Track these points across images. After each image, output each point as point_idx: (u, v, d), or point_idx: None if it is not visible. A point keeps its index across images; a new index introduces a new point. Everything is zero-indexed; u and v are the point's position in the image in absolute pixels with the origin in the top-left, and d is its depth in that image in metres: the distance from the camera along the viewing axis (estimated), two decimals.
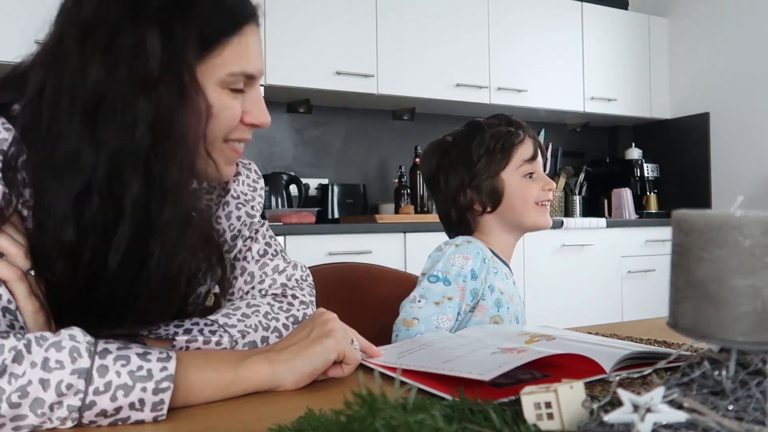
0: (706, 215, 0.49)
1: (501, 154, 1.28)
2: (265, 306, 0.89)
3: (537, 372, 0.75)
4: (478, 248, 1.24)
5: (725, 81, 3.80)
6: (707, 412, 0.45)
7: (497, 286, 1.24)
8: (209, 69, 0.76)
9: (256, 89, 0.83)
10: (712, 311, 0.48)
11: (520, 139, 1.30)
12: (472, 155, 1.28)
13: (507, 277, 1.29)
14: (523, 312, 1.30)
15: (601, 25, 3.88)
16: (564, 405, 0.49)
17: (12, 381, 0.59)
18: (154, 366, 0.64)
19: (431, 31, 3.32)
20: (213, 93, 0.77)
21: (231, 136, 0.82)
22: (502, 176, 1.28)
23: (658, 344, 0.92)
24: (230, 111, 0.79)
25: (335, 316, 0.81)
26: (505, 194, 1.28)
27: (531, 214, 1.29)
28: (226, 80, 0.77)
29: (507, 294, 1.26)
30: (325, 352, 0.76)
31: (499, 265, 1.28)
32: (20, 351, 0.60)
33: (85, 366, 0.61)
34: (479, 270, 1.22)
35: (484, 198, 1.28)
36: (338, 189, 3.23)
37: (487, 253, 1.25)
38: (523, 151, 1.29)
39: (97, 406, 0.61)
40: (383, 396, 0.44)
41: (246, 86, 0.81)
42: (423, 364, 0.76)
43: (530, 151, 1.30)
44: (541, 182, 1.30)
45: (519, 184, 1.28)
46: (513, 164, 1.29)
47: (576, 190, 3.91)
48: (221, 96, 0.78)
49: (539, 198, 1.29)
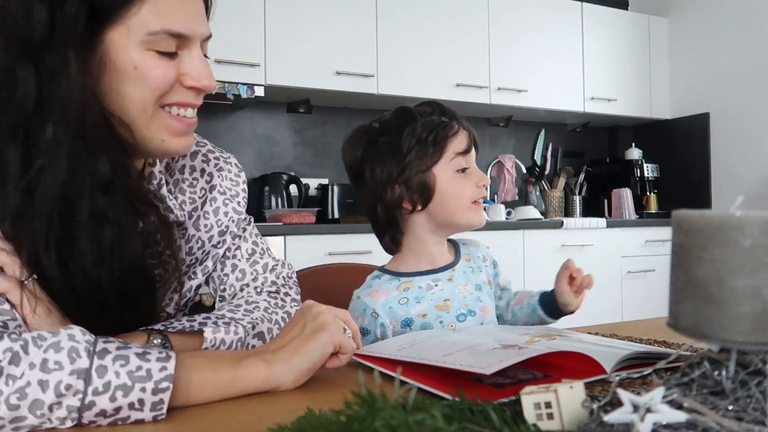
0: (706, 215, 0.48)
1: (434, 146, 1.15)
2: (263, 302, 0.92)
3: (537, 372, 0.75)
4: (363, 305, 1.14)
5: (725, 81, 3.80)
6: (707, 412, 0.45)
7: (413, 313, 1.13)
8: (129, 31, 0.75)
9: (195, 51, 0.80)
10: (712, 311, 0.48)
11: (454, 131, 1.17)
12: (402, 146, 1.15)
13: (430, 287, 1.17)
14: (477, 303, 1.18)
15: (601, 25, 3.89)
16: (564, 405, 0.49)
17: (10, 383, 0.59)
18: (153, 366, 0.64)
19: (431, 31, 3.32)
20: (136, 55, 0.75)
21: (167, 100, 0.80)
22: (433, 171, 1.15)
23: (658, 344, 0.92)
24: (154, 72, 0.77)
25: (325, 308, 0.81)
26: (437, 191, 1.15)
27: (465, 213, 1.17)
28: (147, 40, 0.75)
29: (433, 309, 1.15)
30: (322, 347, 0.76)
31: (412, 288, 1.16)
32: (17, 352, 0.60)
33: (84, 366, 0.61)
34: (372, 326, 1.13)
35: (413, 195, 1.15)
36: (338, 189, 3.22)
37: (378, 301, 1.13)
38: (456, 144, 1.16)
39: (97, 406, 0.61)
40: (383, 396, 0.44)
41: (181, 48, 0.79)
42: (423, 357, 0.76)
43: (464, 143, 1.17)
44: (475, 178, 1.18)
45: (452, 181, 1.16)
46: (446, 158, 1.16)
47: (576, 190, 3.91)
48: (144, 57, 0.76)
49: (474, 196, 1.18)
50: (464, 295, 1.17)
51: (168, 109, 0.81)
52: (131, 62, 0.75)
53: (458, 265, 1.21)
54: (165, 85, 0.78)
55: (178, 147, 0.84)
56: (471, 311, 1.16)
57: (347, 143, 1.23)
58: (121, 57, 0.75)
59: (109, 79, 0.76)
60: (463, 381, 0.70)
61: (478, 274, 1.22)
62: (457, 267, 1.21)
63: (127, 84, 0.76)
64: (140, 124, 0.79)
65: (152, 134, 0.80)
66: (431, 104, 1.21)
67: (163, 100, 0.79)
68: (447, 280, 1.18)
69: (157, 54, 0.77)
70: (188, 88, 0.80)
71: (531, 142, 3.85)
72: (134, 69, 0.75)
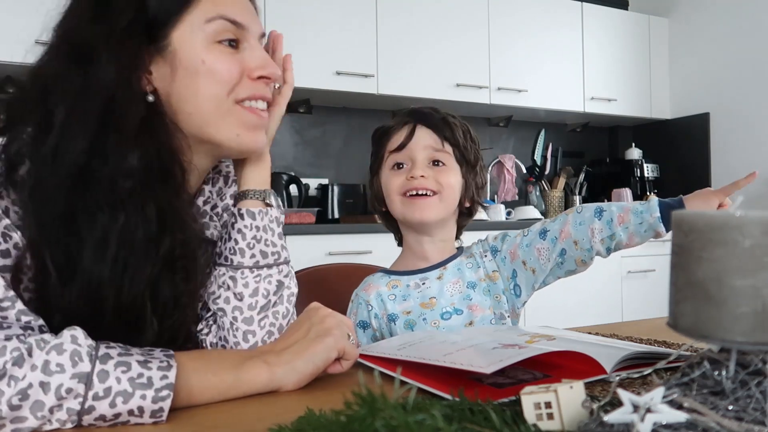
0: (706, 215, 0.48)
1: (376, 152, 1.22)
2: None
3: (537, 372, 0.75)
4: (360, 299, 1.19)
5: (725, 81, 3.80)
6: (707, 412, 0.45)
7: (398, 310, 1.16)
8: (192, 26, 0.79)
9: (254, 42, 0.84)
10: (712, 311, 0.48)
11: (391, 131, 1.20)
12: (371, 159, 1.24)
13: (417, 286, 1.18)
14: (464, 301, 1.17)
15: (601, 25, 3.88)
16: (564, 405, 0.49)
17: (12, 384, 0.59)
18: (154, 374, 0.64)
19: (431, 31, 3.31)
20: (202, 50, 0.79)
21: (239, 94, 0.82)
22: (380, 175, 1.21)
23: (658, 344, 0.92)
24: (223, 65, 0.80)
25: (330, 312, 0.81)
26: (384, 192, 1.20)
27: (397, 207, 1.17)
28: (208, 31, 0.79)
29: (417, 307, 1.16)
30: (326, 351, 0.76)
31: (400, 286, 1.19)
32: (21, 354, 0.60)
33: (85, 370, 0.61)
34: (367, 318, 1.17)
35: (376, 200, 1.24)
36: (338, 189, 3.22)
37: (371, 294, 1.18)
38: (393, 142, 1.18)
39: (96, 411, 0.61)
40: (383, 396, 0.44)
41: (240, 41, 0.82)
42: (423, 356, 0.76)
43: (399, 140, 1.17)
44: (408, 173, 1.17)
45: (386, 179, 1.19)
46: (385, 159, 1.20)
47: (576, 190, 3.91)
48: (210, 50, 0.79)
49: (402, 188, 1.16)
50: (452, 294, 1.17)
51: (242, 103, 0.83)
52: (198, 57, 0.78)
53: (451, 264, 1.20)
54: (233, 76, 0.80)
55: (251, 143, 0.85)
56: (457, 309, 1.16)
57: None
58: (188, 54, 0.78)
59: (181, 79, 0.79)
60: (463, 381, 0.70)
61: (474, 271, 1.20)
62: (449, 265, 1.20)
63: (198, 81, 0.79)
64: (216, 121, 0.81)
65: (228, 130, 0.82)
66: (413, 109, 1.21)
67: (235, 95, 0.82)
68: (435, 279, 1.19)
69: (221, 47, 0.80)
70: (256, 79, 0.83)
71: (531, 142, 3.85)
72: (202, 63, 0.78)
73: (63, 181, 0.71)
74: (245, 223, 0.88)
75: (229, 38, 0.81)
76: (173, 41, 0.79)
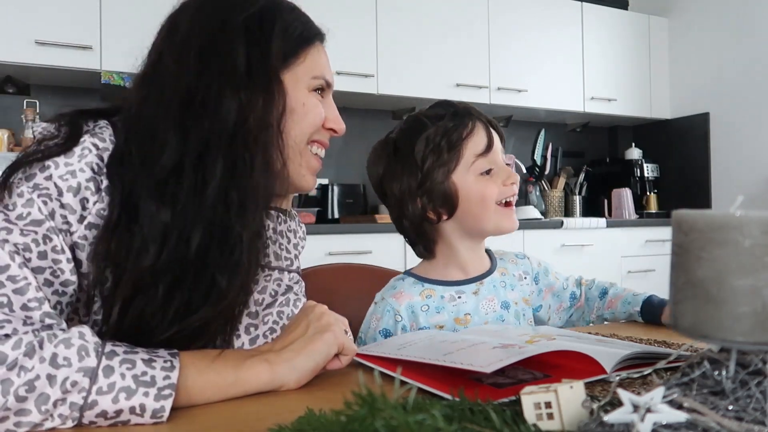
0: (706, 215, 0.48)
1: (448, 152, 1.08)
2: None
3: (537, 372, 0.75)
4: (388, 306, 1.10)
5: (725, 81, 3.80)
6: (707, 412, 0.45)
7: (431, 323, 1.10)
8: (297, 74, 0.87)
9: (331, 98, 0.94)
10: (712, 311, 0.48)
11: (468, 130, 1.09)
12: (416, 157, 1.09)
13: (453, 299, 1.12)
14: (497, 321, 1.14)
15: (601, 25, 3.88)
16: (564, 405, 0.49)
17: (22, 374, 0.61)
18: (158, 374, 0.65)
19: (431, 31, 3.32)
20: (302, 94, 0.87)
21: (315, 136, 0.90)
22: (453, 178, 1.09)
23: (658, 344, 0.92)
24: (317, 109, 0.89)
25: (326, 308, 0.82)
26: (460, 198, 1.09)
27: (492, 217, 1.10)
28: (311, 83, 0.88)
29: (452, 321, 1.11)
30: (326, 348, 0.77)
31: (434, 296, 1.12)
32: (33, 347, 0.62)
33: (91, 365, 0.63)
34: (393, 328, 1.10)
35: (437, 205, 1.10)
36: (338, 189, 3.22)
37: (402, 304, 1.10)
38: (474, 145, 1.09)
39: (99, 406, 0.62)
40: (383, 396, 0.44)
41: (324, 94, 0.91)
42: (423, 356, 0.76)
43: (483, 142, 1.09)
44: (502, 176, 1.10)
45: (475, 184, 1.09)
46: (464, 162, 1.09)
47: (576, 190, 3.91)
48: (309, 97, 0.88)
49: (501, 196, 1.10)
50: (486, 312, 1.13)
51: (310, 147, 0.90)
52: (300, 100, 0.87)
53: (488, 279, 1.15)
54: (320, 121, 0.90)
55: (309, 184, 0.92)
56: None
57: (369, 162, 1.19)
58: (293, 96, 0.86)
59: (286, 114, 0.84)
60: (463, 381, 0.70)
61: (509, 291, 1.16)
62: (486, 281, 1.15)
63: (293, 120, 0.86)
64: (293, 159, 0.87)
65: (298, 169, 0.89)
66: (443, 105, 1.15)
67: (311, 137, 0.90)
68: (471, 294, 1.14)
69: (315, 95, 0.90)
70: (327, 129, 0.92)
71: (531, 142, 3.85)
72: (302, 106, 0.87)
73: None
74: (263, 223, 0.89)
75: (321, 88, 0.90)
76: (283, 81, 0.85)
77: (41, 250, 0.70)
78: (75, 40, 2.55)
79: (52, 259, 0.71)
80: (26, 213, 0.70)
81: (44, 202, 0.72)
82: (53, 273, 0.71)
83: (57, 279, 0.71)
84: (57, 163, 0.73)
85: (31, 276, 0.68)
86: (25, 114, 2.68)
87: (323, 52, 0.92)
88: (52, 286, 0.71)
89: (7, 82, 2.68)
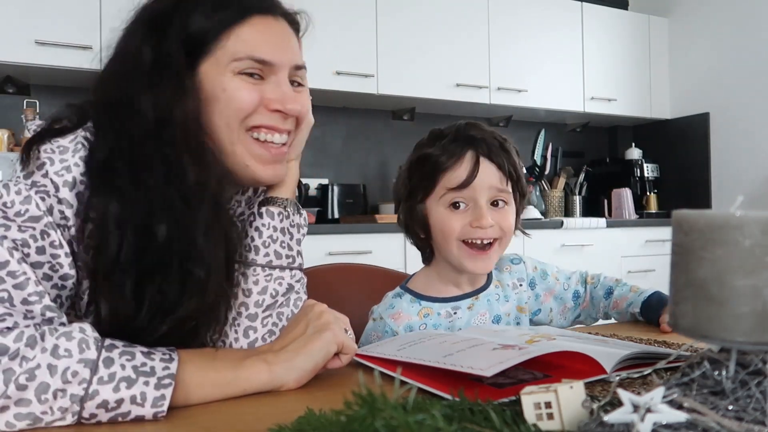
0: (706, 215, 0.48)
1: (426, 180, 1.09)
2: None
3: (537, 372, 0.75)
4: (387, 327, 1.11)
5: (725, 81, 3.80)
6: (707, 412, 0.45)
7: None
8: (218, 59, 0.82)
9: (281, 76, 0.85)
10: (712, 311, 0.48)
11: (449, 163, 1.07)
12: (410, 172, 1.12)
13: (449, 315, 1.13)
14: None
15: (601, 25, 3.88)
16: (564, 405, 0.49)
17: (23, 363, 0.61)
18: (157, 365, 0.66)
19: (431, 31, 3.31)
20: (225, 80, 0.81)
21: (251, 122, 0.83)
22: (427, 204, 1.10)
23: (658, 344, 0.92)
24: (240, 93, 0.82)
25: (326, 307, 0.82)
26: (430, 225, 1.10)
27: (455, 253, 1.08)
28: (234, 66, 0.82)
29: None
30: (326, 346, 0.77)
31: (432, 314, 1.12)
32: (35, 339, 0.63)
33: (92, 357, 0.64)
34: None
35: (416, 225, 1.12)
36: (338, 189, 3.22)
37: (400, 325, 1.10)
38: (451, 178, 1.07)
39: (99, 396, 0.62)
40: (383, 396, 0.44)
41: (267, 74, 0.84)
42: (423, 357, 0.76)
43: (460, 178, 1.06)
44: (470, 216, 1.07)
45: (440, 216, 1.08)
46: (436, 192, 1.08)
47: (576, 190, 3.91)
48: (233, 81, 0.82)
49: (463, 236, 1.07)
50: (478, 325, 1.14)
51: (254, 134, 0.84)
52: (221, 85, 0.81)
53: (482, 294, 1.16)
54: (249, 105, 0.83)
55: (263, 175, 0.86)
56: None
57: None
58: (212, 83, 0.81)
59: (203, 105, 0.81)
60: (463, 381, 0.70)
61: (502, 304, 1.17)
62: (481, 295, 1.16)
63: (215, 107, 0.82)
64: (226, 148, 0.83)
65: (237, 159, 0.84)
66: (457, 126, 1.12)
67: (247, 122, 0.83)
68: (466, 309, 1.14)
69: (244, 77, 0.82)
70: (273, 111, 0.84)
71: (531, 142, 3.85)
72: (223, 91, 0.81)
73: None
74: (263, 221, 0.89)
75: (253, 72, 0.83)
76: (201, 71, 0.82)
77: (39, 246, 0.71)
78: (75, 40, 2.55)
79: (50, 254, 0.72)
80: (24, 210, 0.71)
81: (42, 198, 0.72)
82: (52, 267, 0.72)
83: (56, 273, 0.72)
84: (52, 160, 0.74)
85: (30, 271, 0.69)
86: (25, 114, 2.69)
87: (260, 28, 0.84)
88: (51, 280, 0.72)
89: (7, 82, 2.68)
